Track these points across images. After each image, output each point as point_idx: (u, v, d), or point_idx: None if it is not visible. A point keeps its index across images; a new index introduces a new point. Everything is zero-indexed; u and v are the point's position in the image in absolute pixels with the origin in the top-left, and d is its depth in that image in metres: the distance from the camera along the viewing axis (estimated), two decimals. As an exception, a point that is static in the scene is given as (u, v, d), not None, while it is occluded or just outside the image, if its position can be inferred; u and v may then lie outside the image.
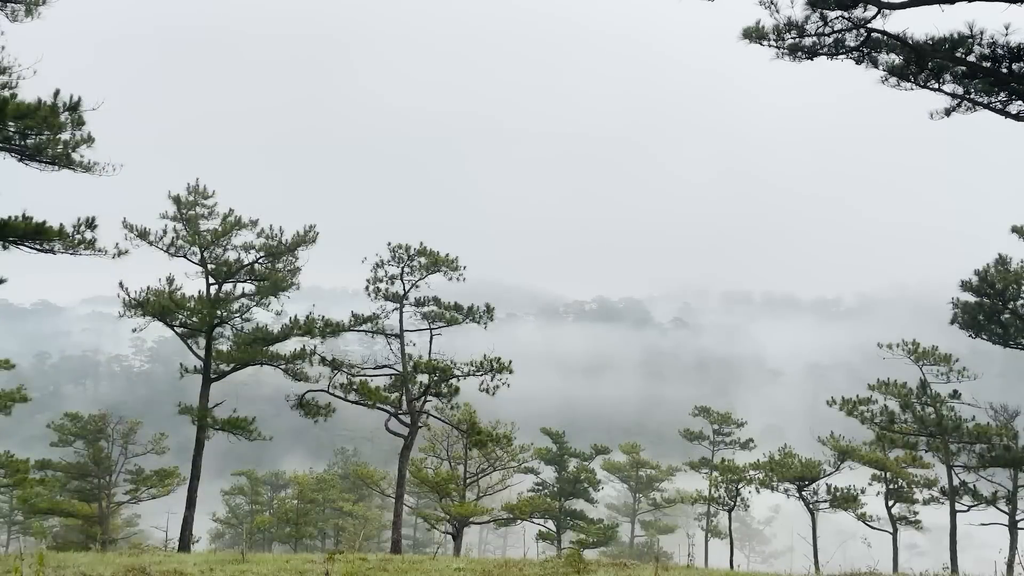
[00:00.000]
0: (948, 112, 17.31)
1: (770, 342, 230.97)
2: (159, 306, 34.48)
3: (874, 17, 16.10)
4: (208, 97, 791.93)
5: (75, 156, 22.85)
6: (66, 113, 21.90)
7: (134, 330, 37.31)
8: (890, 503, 43.91)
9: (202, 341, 36.92)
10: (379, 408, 37.54)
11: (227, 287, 36.83)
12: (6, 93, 21.23)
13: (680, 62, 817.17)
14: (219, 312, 36.08)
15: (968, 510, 39.92)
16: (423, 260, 37.35)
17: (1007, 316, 34.94)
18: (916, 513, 44.73)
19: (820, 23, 16.29)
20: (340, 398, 37.55)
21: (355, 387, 37.01)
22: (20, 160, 22.64)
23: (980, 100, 16.87)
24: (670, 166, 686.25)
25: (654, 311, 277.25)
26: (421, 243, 37.66)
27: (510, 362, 37.46)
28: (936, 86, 16.91)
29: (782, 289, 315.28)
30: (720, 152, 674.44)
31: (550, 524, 56.29)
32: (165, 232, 35.34)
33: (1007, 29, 15.74)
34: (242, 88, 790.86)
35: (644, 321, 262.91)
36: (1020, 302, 34.71)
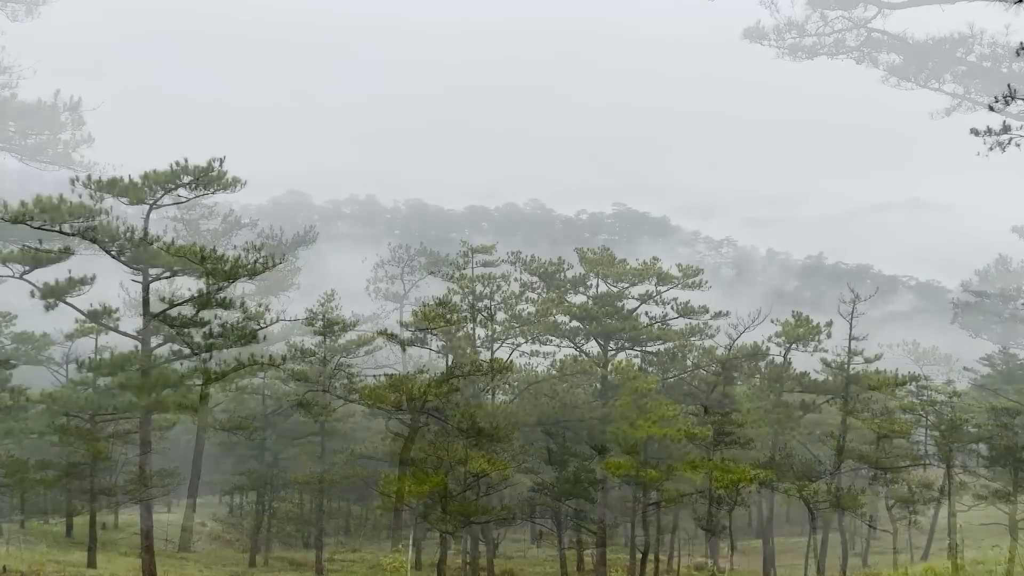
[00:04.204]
0: (948, 112, 17.37)
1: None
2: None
3: (874, 17, 16.16)
4: (207, 96, 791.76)
5: (75, 156, 22.90)
6: (66, 113, 21.93)
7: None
8: (890, 503, 43.84)
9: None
10: (379, 408, 37.51)
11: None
12: (6, 93, 21.25)
13: (679, 62, 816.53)
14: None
15: (968, 510, 39.90)
16: (423, 260, 37.38)
17: (1007, 316, 34.99)
18: (916, 513, 44.64)
19: (821, 23, 16.36)
20: (340, 398, 37.54)
21: (355, 387, 37.00)
22: (20, 160, 22.68)
23: (980, 100, 16.92)
24: (670, 167, 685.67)
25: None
26: (421, 243, 37.71)
27: (511, 362, 37.49)
28: (936, 86, 16.98)
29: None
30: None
31: (550, 524, 56.11)
32: (166, 231, 35.33)
33: (1007, 29, 15.80)
34: (241, 87, 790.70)
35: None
36: (1020, 302, 34.77)
